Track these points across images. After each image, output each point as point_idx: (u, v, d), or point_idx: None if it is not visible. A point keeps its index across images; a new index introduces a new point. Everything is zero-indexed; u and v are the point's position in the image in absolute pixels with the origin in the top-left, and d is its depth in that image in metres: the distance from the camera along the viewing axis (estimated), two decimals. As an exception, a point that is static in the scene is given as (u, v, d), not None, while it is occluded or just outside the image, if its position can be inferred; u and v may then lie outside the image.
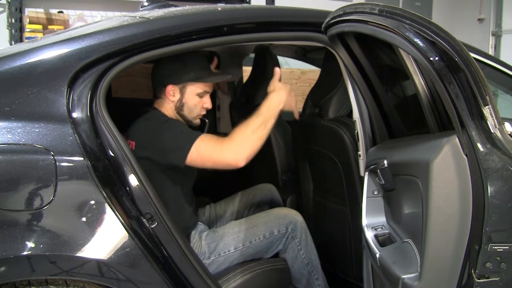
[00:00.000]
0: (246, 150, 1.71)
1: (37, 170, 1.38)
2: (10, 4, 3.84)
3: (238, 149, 1.71)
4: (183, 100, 1.92)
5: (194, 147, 1.72)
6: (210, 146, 1.73)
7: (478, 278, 1.27)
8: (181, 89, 1.91)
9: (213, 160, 1.73)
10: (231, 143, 1.72)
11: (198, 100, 1.93)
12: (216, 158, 1.72)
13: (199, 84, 1.92)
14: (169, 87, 1.90)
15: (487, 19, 5.65)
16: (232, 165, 1.72)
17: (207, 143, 1.73)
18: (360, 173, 1.84)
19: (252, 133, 1.73)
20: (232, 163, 1.71)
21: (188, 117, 1.95)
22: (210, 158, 1.73)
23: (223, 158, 1.71)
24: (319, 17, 1.69)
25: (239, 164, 1.71)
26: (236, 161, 1.71)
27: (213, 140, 1.74)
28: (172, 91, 1.91)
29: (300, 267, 2.02)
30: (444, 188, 1.28)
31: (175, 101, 1.92)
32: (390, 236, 1.57)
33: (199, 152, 1.72)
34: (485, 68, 1.90)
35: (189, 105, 1.93)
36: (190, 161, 1.73)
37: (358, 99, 1.79)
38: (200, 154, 1.72)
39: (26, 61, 1.49)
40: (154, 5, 2.16)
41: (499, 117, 1.25)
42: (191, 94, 1.92)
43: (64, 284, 1.45)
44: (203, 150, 1.72)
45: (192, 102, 1.93)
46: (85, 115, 1.45)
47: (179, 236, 1.56)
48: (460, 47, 1.23)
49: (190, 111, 1.94)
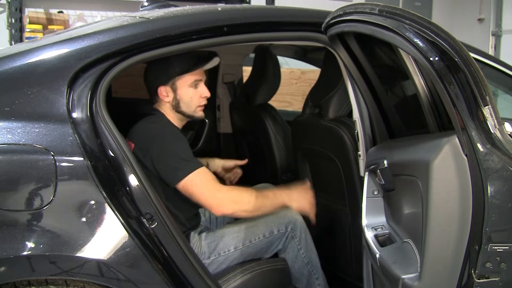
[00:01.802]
0: (234, 208, 1.79)
1: (37, 170, 1.38)
2: (10, 4, 3.84)
3: (226, 204, 1.77)
4: (177, 97, 1.91)
5: (189, 177, 1.75)
6: (205, 184, 1.76)
7: (478, 278, 1.27)
8: (172, 87, 1.90)
9: (200, 198, 1.77)
10: (225, 194, 1.78)
11: (192, 91, 1.92)
12: (203, 198, 1.77)
13: (188, 75, 1.90)
14: (160, 89, 1.90)
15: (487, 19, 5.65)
16: (213, 211, 1.79)
17: (205, 180, 1.76)
18: (360, 173, 1.84)
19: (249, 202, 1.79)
20: (213, 210, 1.78)
21: (188, 112, 1.94)
22: (199, 195, 1.77)
23: (209, 203, 1.77)
24: (319, 17, 1.69)
25: (217, 214, 1.82)
26: (218, 210, 1.78)
27: (210, 180, 1.78)
28: (164, 92, 1.90)
29: (301, 267, 2.02)
30: (444, 188, 1.28)
31: (170, 100, 1.91)
32: (390, 236, 1.57)
33: (191, 185, 1.75)
34: (485, 68, 1.90)
35: (185, 99, 1.92)
36: (179, 186, 1.76)
37: (358, 99, 1.79)
38: (191, 187, 1.76)
39: (26, 61, 1.49)
40: (154, 5, 2.16)
41: (499, 117, 1.25)
42: (184, 88, 1.90)
43: (64, 284, 1.45)
44: (196, 186, 1.75)
45: (188, 96, 1.91)
46: (85, 115, 1.45)
47: (179, 236, 1.56)
48: (460, 47, 1.23)
49: (188, 105, 1.93)
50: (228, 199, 1.78)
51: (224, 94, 3.04)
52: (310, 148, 2.27)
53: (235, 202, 1.79)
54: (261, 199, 1.82)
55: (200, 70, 1.95)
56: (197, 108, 1.95)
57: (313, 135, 2.21)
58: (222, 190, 1.78)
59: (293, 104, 3.97)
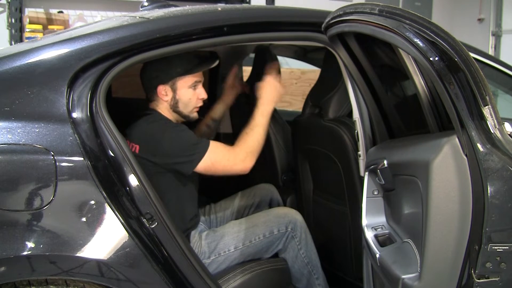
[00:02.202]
0: (252, 158, 1.86)
1: (37, 170, 1.38)
2: (10, 4, 3.84)
3: (247, 160, 1.85)
4: (176, 97, 1.91)
5: (207, 156, 1.79)
6: (223, 156, 1.83)
7: (478, 278, 1.27)
8: (172, 87, 1.90)
9: (225, 169, 1.84)
10: (242, 154, 1.84)
11: (191, 92, 1.92)
12: (228, 168, 1.84)
13: (189, 76, 1.91)
14: (160, 88, 1.90)
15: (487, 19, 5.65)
16: (241, 172, 1.87)
17: (220, 153, 1.83)
18: (360, 173, 1.84)
19: (257, 142, 1.87)
20: (241, 171, 1.86)
21: (184, 112, 1.94)
22: (223, 168, 1.83)
23: (234, 168, 1.84)
24: (319, 17, 1.69)
25: (247, 171, 1.87)
26: (245, 169, 1.86)
27: (224, 150, 1.85)
28: (164, 91, 1.90)
29: (301, 267, 2.02)
30: (444, 188, 1.28)
31: (168, 100, 1.91)
32: (390, 236, 1.57)
33: (213, 162, 1.81)
34: (485, 68, 1.90)
35: (183, 100, 1.92)
36: (202, 169, 1.81)
37: (358, 99, 1.79)
38: (212, 165, 1.81)
39: (26, 61, 1.49)
40: (154, 5, 2.16)
41: (499, 117, 1.25)
42: (183, 89, 1.91)
43: (64, 284, 1.45)
44: (217, 161, 1.82)
45: (186, 96, 1.92)
46: (85, 115, 1.45)
47: (179, 236, 1.56)
48: (460, 47, 1.23)
49: (186, 105, 1.93)
50: (246, 156, 1.84)
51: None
52: (310, 148, 2.27)
53: (251, 153, 1.86)
54: (256, 130, 1.89)
55: (200, 72, 1.96)
56: (193, 109, 1.96)
57: (313, 135, 2.21)
58: (236, 151, 1.84)
59: (293, 104, 3.97)
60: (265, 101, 1.95)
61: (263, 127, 1.90)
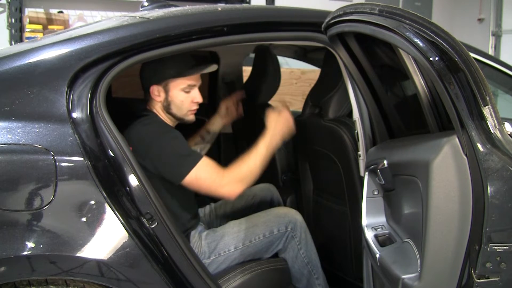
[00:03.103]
0: (242, 187, 1.79)
1: (37, 170, 1.38)
2: (10, 4, 3.84)
3: (235, 186, 1.77)
4: (169, 99, 1.90)
5: (193, 172, 1.74)
6: (209, 175, 1.76)
7: (478, 278, 1.27)
8: (165, 87, 1.89)
9: (210, 189, 1.78)
10: (230, 178, 1.77)
11: (184, 95, 1.90)
12: (213, 189, 1.77)
13: (182, 79, 1.89)
14: (153, 88, 1.89)
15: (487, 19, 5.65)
16: (226, 197, 1.82)
17: (208, 171, 1.76)
18: (360, 173, 1.84)
19: (250, 172, 1.79)
20: (226, 196, 1.80)
21: (178, 115, 1.93)
22: (208, 187, 1.77)
23: (219, 190, 1.77)
24: (319, 17, 1.69)
25: (232, 197, 1.80)
26: (231, 195, 1.79)
27: (213, 169, 1.77)
28: (156, 91, 1.89)
29: (301, 267, 2.02)
30: (444, 188, 1.28)
31: (161, 100, 1.90)
32: (390, 236, 1.57)
33: (197, 178, 1.75)
34: (485, 68, 1.90)
35: (176, 102, 1.90)
36: (186, 183, 1.76)
37: (358, 99, 1.79)
38: (197, 181, 1.76)
39: (26, 61, 1.49)
40: (154, 5, 2.16)
41: (499, 117, 1.25)
42: (176, 91, 1.89)
43: (64, 284, 1.45)
44: (202, 178, 1.75)
45: (179, 99, 1.90)
46: (85, 115, 1.45)
47: (179, 236, 1.56)
48: (460, 47, 1.23)
49: (179, 108, 1.91)
50: (234, 181, 1.77)
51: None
52: (310, 148, 2.27)
53: (241, 181, 1.78)
54: (254, 160, 1.81)
55: (196, 75, 1.94)
56: (187, 112, 1.94)
57: (313, 135, 2.21)
58: (226, 175, 1.77)
59: (293, 104, 3.97)
60: (273, 134, 1.88)
61: (262, 158, 1.82)
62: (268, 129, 1.89)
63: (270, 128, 1.89)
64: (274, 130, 1.89)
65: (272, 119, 1.91)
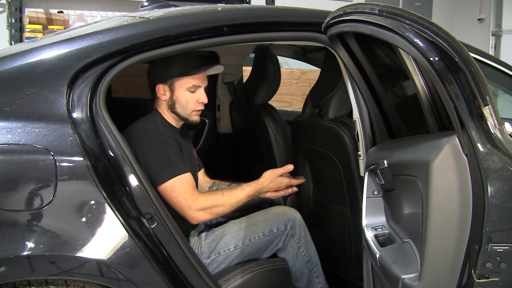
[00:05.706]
0: (208, 217, 1.83)
1: (37, 170, 1.38)
2: (10, 4, 3.84)
3: (201, 214, 1.79)
4: (174, 98, 1.91)
5: (172, 182, 1.75)
6: (184, 192, 1.77)
7: (478, 278, 1.27)
8: (170, 87, 1.90)
9: (177, 205, 1.77)
10: (202, 205, 1.78)
11: (190, 95, 1.92)
12: (181, 206, 1.77)
13: (187, 78, 1.90)
14: (159, 86, 1.91)
15: (487, 19, 5.66)
16: (189, 219, 1.80)
17: (185, 188, 1.77)
18: (360, 173, 1.84)
19: (222, 208, 1.81)
20: (190, 218, 1.79)
21: (183, 114, 1.94)
22: (177, 202, 1.77)
23: (185, 211, 1.77)
24: (319, 17, 1.69)
25: (194, 222, 1.82)
26: (194, 220, 1.80)
27: (190, 189, 1.78)
28: (162, 90, 1.91)
29: (301, 265, 2.02)
30: (444, 188, 1.28)
31: (166, 99, 1.92)
32: (390, 236, 1.57)
33: (172, 190, 1.76)
34: (485, 68, 1.89)
35: (181, 101, 1.92)
36: (160, 188, 1.76)
37: (358, 99, 1.79)
38: (170, 192, 1.76)
39: (26, 61, 1.49)
40: (154, 5, 2.16)
41: (499, 117, 1.25)
42: (181, 90, 1.90)
43: (64, 284, 1.45)
44: (176, 192, 1.76)
45: (184, 98, 1.91)
46: (85, 115, 1.45)
47: (179, 236, 1.56)
48: (460, 47, 1.23)
49: (183, 108, 1.93)
50: (203, 209, 1.78)
51: (224, 94, 3.04)
52: (310, 148, 2.27)
53: (210, 212, 1.80)
54: (231, 199, 1.83)
55: (202, 76, 1.95)
56: (192, 112, 1.95)
57: (313, 135, 2.21)
58: (199, 200, 1.78)
59: (293, 104, 3.98)
60: (260, 188, 1.88)
61: (238, 201, 1.83)
62: (259, 181, 1.89)
63: (261, 182, 1.89)
64: (262, 185, 1.89)
65: (268, 175, 1.90)
